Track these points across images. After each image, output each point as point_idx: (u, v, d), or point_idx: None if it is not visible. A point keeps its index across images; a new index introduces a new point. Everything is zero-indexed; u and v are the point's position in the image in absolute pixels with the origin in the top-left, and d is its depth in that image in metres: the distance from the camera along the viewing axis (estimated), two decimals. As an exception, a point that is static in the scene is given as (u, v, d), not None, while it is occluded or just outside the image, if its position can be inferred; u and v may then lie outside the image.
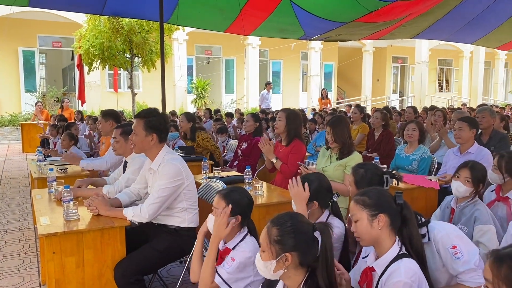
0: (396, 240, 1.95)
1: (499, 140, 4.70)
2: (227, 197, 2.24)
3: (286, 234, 1.71)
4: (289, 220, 1.76)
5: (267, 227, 1.78)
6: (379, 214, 1.94)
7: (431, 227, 2.14)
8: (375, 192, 2.00)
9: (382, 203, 1.96)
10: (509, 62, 24.54)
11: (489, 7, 9.06)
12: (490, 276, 1.32)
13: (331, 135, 3.53)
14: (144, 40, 11.04)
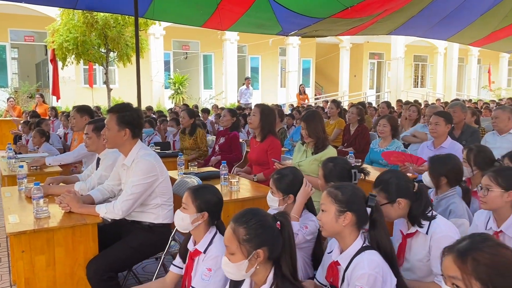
0: (359, 234, 1.97)
1: (470, 134, 4.81)
2: (196, 193, 2.22)
3: (254, 231, 1.72)
4: (254, 216, 1.76)
5: (231, 228, 1.76)
6: (346, 212, 1.96)
7: (435, 223, 2.18)
8: (349, 189, 2.02)
9: (352, 201, 1.98)
10: (481, 58, 25.12)
11: (462, 4, 9.24)
12: (457, 273, 1.32)
13: (305, 130, 3.55)
14: (120, 34, 10.86)
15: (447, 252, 1.38)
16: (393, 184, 2.23)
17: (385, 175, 2.34)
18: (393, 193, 2.22)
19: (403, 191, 2.22)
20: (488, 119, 6.42)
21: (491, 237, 1.43)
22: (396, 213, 2.25)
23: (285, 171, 2.64)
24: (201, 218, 2.19)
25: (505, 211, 2.35)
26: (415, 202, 2.21)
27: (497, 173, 2.35)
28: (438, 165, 2.84)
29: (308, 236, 2.42)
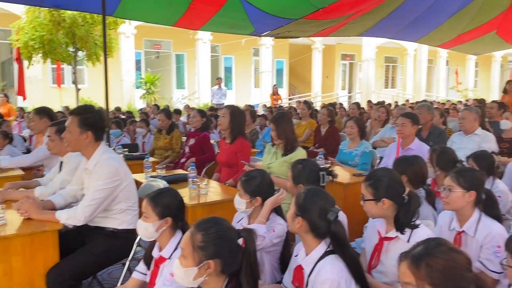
0: (322, 241, 1.95)
1: (438, 135, 4.90)
2: (155, 200, 2.15)
3: (210, 241, 1.67)
4: (214, 226, 1.71)
5: (191, 232, 1.72)
6: (299, 216, 1.96)
7: (417, 233, 2.14)
8: (310, 195, 2.01)
9: (308, 208, 1.97)
10: (450, 60, 25.76)
11: (430, 6, 9.45)
12: (411, 279, 1.33)
13: (274, 131, 3.54)
14: (88, 33, 10.61)
15: (403, 258, 1.39)
16: (383, 182, 2.20)
17: (380, 172, 2.33)
18: (380, 192, 2.19)
19: (391, 193, 2.18)
20: (455, 120, 6.57)
21: (445, 242, 1.43)
22: (378, 212, 2.23)
23: (253, 173, 2.61)
24: (165, 224, 2.13)
25: (467, 211, 2.39)
26: (403, 208, 2.18)
27: (458, 173, 2.38)
28: (401, 164, 2.89)
29: (275, 240, 2.40)
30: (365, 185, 2.25)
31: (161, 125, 5.70)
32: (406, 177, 2.80)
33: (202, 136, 5.13)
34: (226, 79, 20.19)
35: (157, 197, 2.17)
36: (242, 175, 2.59)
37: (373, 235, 2.35)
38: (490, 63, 27.06)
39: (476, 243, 2.36)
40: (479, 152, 3.40)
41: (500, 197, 3.15)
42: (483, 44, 12.84)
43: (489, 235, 2.30)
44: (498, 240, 2.29)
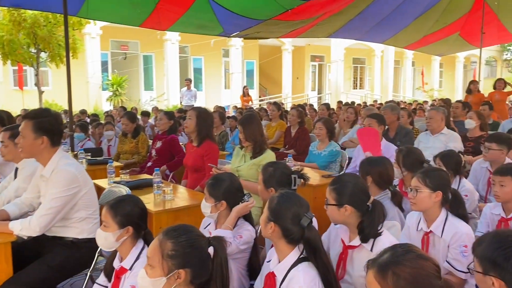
0: (295, 247, 1.90)
1: (404, 134, 4.95)
2: (114, 209, 2.05)
3: (181, 249, 1.59)
4: (185, 233, 1.63)
5: (159, 240, 1.62)
6: (272, 221, 1.90)
7: (380, 241, 2.09)
8: (283, 199, 1.94)
9: (281, 213, 1.91)
10: (416, 61, 26.35)
11: (396, 8, 9.62)
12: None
13: (242, 133, 3.46)
14: (51, 34, 10.26)
15: (369, 266, 1.34)
16: (348, 188, 2.15)
17: (346, 177, 2.27)
18: (343, 197, 2.14)
19: (354, 200, 2.13)
20: (422, 119, 6.68)
21: (412, 248, 1.39)
22: (340, 218, 2.18)
23: (221, 176, 2.53)
24: (125, 234, 2.02)
25: (434, 211, 2.39)
26: (366, 216, 2.12)
27: (425, 174, 2.38)
28: (366, 166, 2.90)
29: (243, 246, 2.32)
30: (330, 189, 2.20)
31: (125, 129, 5.52)
32: (371, 178, 2.81)
33: (169, 139, 4.99)
34: (196, 80, 19.95)
35: (117, 205, 2.06)
36: (209, 178, 2.50)
37: (336, 243, 2.30)
38: (454, 64, 27.88)
39: (444, 243, 2.37)
40: (446, 151, 3.44)
41: (467, 196, 3.19)
42: (447, 45, 13.22)
43: (456, 235, 2.31)
44: (464, 240, 2.30)
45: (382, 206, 2.17)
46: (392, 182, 2.89)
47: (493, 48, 27.48)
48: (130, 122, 5.46)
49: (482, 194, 3.74)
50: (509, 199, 2.67)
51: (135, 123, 5.57)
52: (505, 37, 12.75)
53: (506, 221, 2.68)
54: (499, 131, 5.21)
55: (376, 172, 2.83)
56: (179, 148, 5.05)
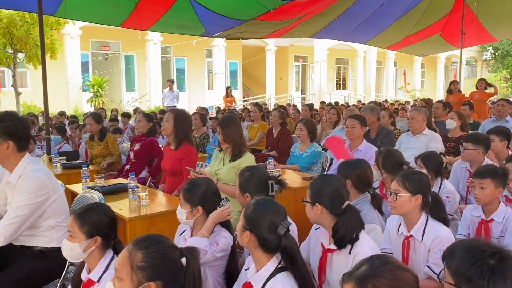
0: (273, 257, 1.83)
1: (385, 135, 4.94)
2: (82, 218, 1.95)
3: (152, 260, 1.51)
4: (156, 244, 1.55)
5: (128, 250, 1.54)
6: (247, 231, 1.84)
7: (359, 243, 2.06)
8: (259, 207, 1.87)
9: (257, 222, 1.84)
10: (398, 61, 26.60)
11: (378, 9, 9.67)
12: None
13: (221, 135, 3.38)
14: (28, 34, 10.01)
15: (346, 279, 1.28)
16: (324, 188, 2.14)
17: (327, 177, 2.27)
18: (317, 196, 2.13)
19: (327, 201, 2.11)
20: (404, 120, 6.69)
21: (390, 259, 1.34)
22: (314, 216, 2.16)
23: (197, 181, 2.45)
24: (93, 244, 1.92)
25: (414, 215, 2.35)
26: (340, 220, 2.09)
27: (404, 177, 2.34)
28: (345, 168, 2.85)
29: (219, 254, 2.24)
30: (308, 186, 2.22)
31: (90, 129, 5.34)
32: (350, 182, 2.77)
33: (148, 141, 4.86)
34: (178, 81, 19.76)
35: (85, 214, 1.96)
36: (185, 183, 2.42)
37: (317, 248, 2.26)
38: (435, 64, 28.23)
39: (424, 248, 2.33)
40: (427, 153, 3.41)
41: (448, 197, 3.17)
42: (429, 45, 13.35)
43: (436, 239, 2.28)
44: (445, 244, 2.25)
45: (357, 212, 2.14)
46: (371, 185, 2.85)
47: (473, 49, 27.95)
48: (95, 122, 5.27)
49: (463, 195, 3.73)
50: (490, 201, 2.65)
51: (101, 124, 5.37)
52: (485, 37, 12.93)
53: (486, 223, 2.66)
54: (478, 131, 5.23)
55: (355, 175, 2.79)
56: (159, 151, 4.92)
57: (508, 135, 4.05)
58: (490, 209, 2.66)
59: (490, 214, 2.65)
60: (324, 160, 4.60)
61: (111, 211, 2.04)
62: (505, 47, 27.84)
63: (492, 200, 2.64)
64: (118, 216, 2.79)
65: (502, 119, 5.80)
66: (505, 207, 2.66)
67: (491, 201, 2.64)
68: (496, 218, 2.62)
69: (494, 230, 2.61)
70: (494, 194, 2.62)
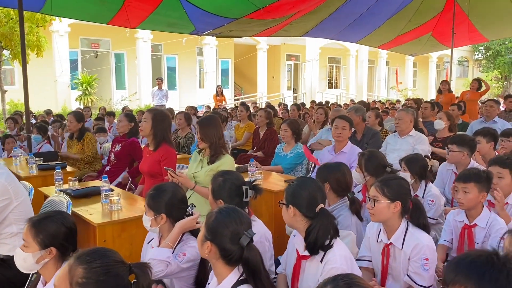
0: (235, 268, 1.73)
1: (371, 136, 4.85)
2: (37, 227, 1.82)
3: (94, 276, 1.38)
4: (101, 258, 1.42)
5: (69, 265, 1.42)
6: (207, 241, 1.74)
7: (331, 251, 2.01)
8: (221, 216, 1.77)
9: (218, 232, 1.74)
10: (389, 60, 26.59)
11: (369, 8, 9.60)
12: None
13: (198, 133, 3.26)
14: (12, 31, 9.81)
15: None
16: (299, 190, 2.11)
17: (304, 179, 2.24)
18: (290, 198, 2.11)
19: (299, 202, 2.08)
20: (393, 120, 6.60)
21: (355, 281, 1.23)
22: (289, 219, 2.12)
23: (164, 186, 2.32)
24: (47, 255, 1.80)
25: (394, 222, 2.26)
26: (313, 222, 2.03)
27: (383, 183, 2.25)
28: (323, 171, 2.80)
29: (186, 264, 2.13)
30: (285, 188, 2.20)
31: (69, 127, 5.23)
32: (329, 185, 2.71)
33: (129, 142, 4.72)
34: (169, 79, 19.60)
35: (41, 223, 1.84)
36: (151, 188, 2.30)
37: (293, 254, 2.19)
38: (427, 64, 28.27)
39: (404, 256, 2.24)
40: (411, 155, 3.33)
41: (433, 201, 3.09)
42: (420, 45, 13.32)
43: (416, 247, 2.20)
44: (425, 252, 2.19)
45: (332, 217, 2.07)
46: (350, 189, 2.75)
47: (465, 49, 28.01)
48: (76, 120, 5.17)
49: (449, 197, 3.65)
50: (473, 206, 2.57)
51: (81, 123, 5.26)
52: (476, 37, 12.93)
53: (469, 228, 2.57)
54: (463, 133, 5.16)
55: (334, 178, 2.71)
56: (140, 153, 4.77)
57: (495, 136, 3.97)
58: (474, 214, 2.58)
59: (473, 219, 2.57)
60: (309, 161, 4.50)
61: (70, 221, 1.92)
62: (496, 47, 27.93)
63: (475, 204, 2.55)
64: (87, 222, 2.68)
65: (491, 119, 5.74)
66: (489, 211, 2.57)
67: (474, 205, 2.56)
68: (479, 223, 2.54)
69: (477, 235, 2.53)
70: (478, 199, 2.53)
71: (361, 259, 2.42)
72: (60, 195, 2.87)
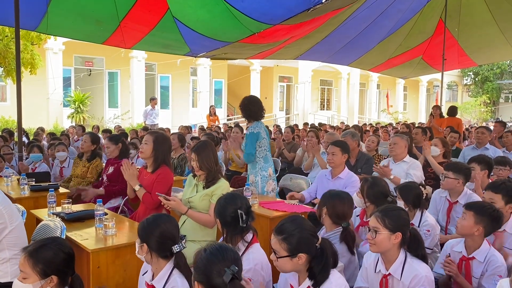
0: None
1: (365, 162, 4.86)
2: (34, 257, 1.78)
3: None
4: None
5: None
6: (196, 281, 1.77)
7: (327, 282, 2.00)
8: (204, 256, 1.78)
9: (201, 272, 1.76)
10: (380, 83, 26.95)
11: (361, 32, 9.79)
12: None
13: (196, 162, 3.24)
14: (7, 48, 9.79)
15: None
16: (295, 236, 2.01)
17: (290, 225, 2.08)
18: (294, 247, 2.00)
19: (305, 246, 2.01)
20: (386, 144, 6.64)
21: None
22: (293, 267, 2.05)
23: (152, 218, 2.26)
24: (49, 284, 1.76)
25: (393, 253, 2.26)
26: (316, 258, 2.01)
27: (384, 213, 2.25)
28: (326, 196, 2.83)
29: None
30: (277, 240, 2.04)
31: (82, 146, 5.11)
32: (325, 210, 2.76)
33: (121, 164, 4.64)
34: (163, 98, 19.62)
35: (38, 252, 1.79)
36: (142, 221, 2.23)
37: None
38: (417, 87, 28.69)
39: (403, 286, 2.22)
40: (405, 183, 3.34)
41: (429, 231, 3.08)
42: (411, 68, 13.55)
43: (415, 278, 2.19)
44: (424, 283, 2.18)
45: (331, 244, 2.08)
46: (346, 220, 2.74)
47: (454, 73, 28.55)
48: (91, 142, 5.04)
49: (442, 225, 3.64)
50: (466, 233, 2.57)
51: (96, 146, 5.13)
52: (465, 62, 13.20)
53: (467, 260, 2.55)
54: (458, 161, 5.20)
55: (331, 204, 2.72)
56: None
57: (490, 164, 4.00)
58: (471, 245, 2.56)
59: (472, 251, 2.55)
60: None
61: (68, 246, 1.88)
62: (484, 73, 28.51)
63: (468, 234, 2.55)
64: (81, 247, 2.63)
65: (482, 146, 5.80)
66: (488, 245, 2.54)
67: (467, 234, 2.55)
68: (477, 256, 2.51)
69: (475, 269, 2.50)
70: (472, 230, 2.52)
71: (358, 290, 2.40)
72: (54, 219, 2.82)
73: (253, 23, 7.03)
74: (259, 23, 7.11)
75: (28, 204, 3.70)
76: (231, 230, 2.40)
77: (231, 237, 2.42)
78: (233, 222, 2.42)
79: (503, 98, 31.46)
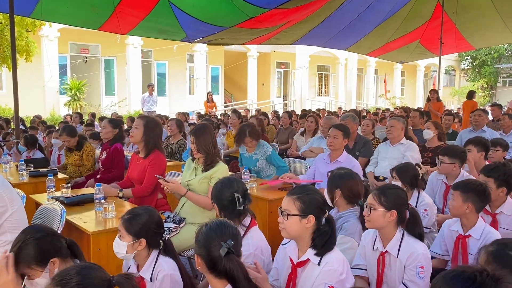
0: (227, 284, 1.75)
1: (363, 145, 4.88)
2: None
3: None
4: (76, 275, 1.39)
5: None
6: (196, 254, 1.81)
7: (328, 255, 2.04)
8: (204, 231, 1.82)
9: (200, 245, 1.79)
10: (378, 69, 26.89)
11: (358, 16, 9.73)
12: None
13: (194, 144, 3.25)
14: (1, 35, 9.72)
15: None
16: (309, 196, 2.08)
17: (304, 188, 2.16)
18: (307, 206, 2.05)
19: (317, 209, 2.06)
20: (383, 128, 6.67)
21: None
22: (300, 231, 2.07)
23: (138, 210, 2.26)
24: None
25: (389, 230, 2.29)
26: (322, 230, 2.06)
27: (381, 192, 2.29)
28: (336, 178, 2.79)
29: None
30: (293, 199, 2.08)
31: (68, 145, 5.06)
32: (340, 192, 2.72)
33: (113, 149, 4.63)
34: (159, 85, 19.55)
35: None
36: (125, 213, 2.22)
37: (285, 263, 2.18)
38: (415, 72, 28.64)
39: (400, 264, 2.26)
40: (402, 164, 3.36)
41: (426, 211, 3.12)
42: (408, 52, 13.50)
43: (412, 255, 2.22)
44: (421, 260, 2.21)
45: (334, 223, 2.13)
46: (361, 197, 2.75)
47: (452, 58, 28.46)
48: (71, 137, 4.98)
49: (439, 207, 3.68)
50: (458, 213, 2.61)
51: (76, 136, 5.08)
52: (463, 45, 13.14)
53: (463, 238, 2.59)
54: (454, 144, 5.21)
55: (346, 186, 2.71)
56: (121, 161, 4.65)
57: (486, 146, 4.02)
58: (467, 224, 2.59)
59: (468, 229, 2.58)
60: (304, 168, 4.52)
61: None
62: (482, 57, 28.43)
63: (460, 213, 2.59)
64: (81, 230, 2.66)
65: (479, 129, 5.83)
66: (483, 222, 2.58)
67: (459, 214, 2.59)
68: (473, 234, 2.54)
69: (471, 246, 2.54)
70: (462, 208, 2.56)
71: (356, 267, 2.43)
72: (54, 203, 2.84)
73: (249, 7, 6.99)
74: (255, 8, 7.06)
75: (27, 190, 3.72)
76: (229, 214, 2.41)
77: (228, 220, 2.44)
78: (230, 205, 2.43)
79: (501, 83, 31.43)
